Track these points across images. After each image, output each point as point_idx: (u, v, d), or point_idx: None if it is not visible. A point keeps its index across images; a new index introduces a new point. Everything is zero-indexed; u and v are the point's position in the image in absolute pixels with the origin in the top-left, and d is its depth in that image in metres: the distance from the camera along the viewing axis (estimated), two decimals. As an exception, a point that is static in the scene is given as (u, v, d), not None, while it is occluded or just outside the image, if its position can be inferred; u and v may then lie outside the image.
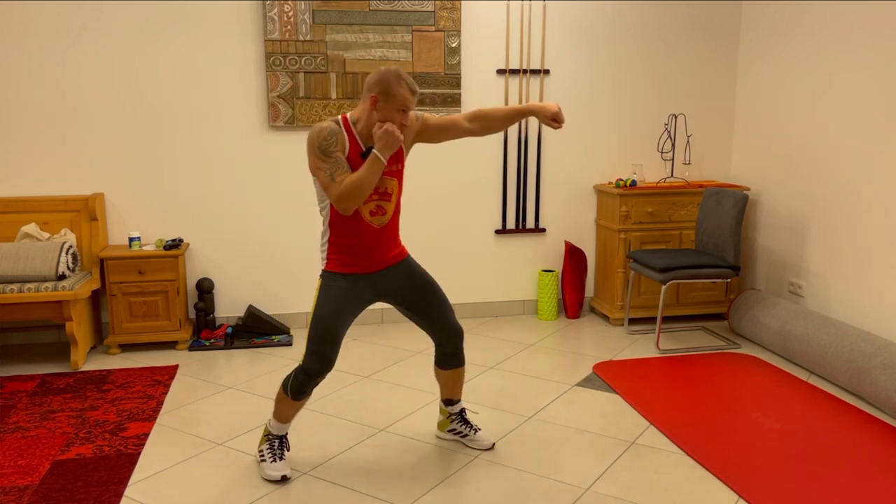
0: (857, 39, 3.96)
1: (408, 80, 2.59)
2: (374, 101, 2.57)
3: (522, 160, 4.83)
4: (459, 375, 2.98)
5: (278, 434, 2.83)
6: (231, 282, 4.59)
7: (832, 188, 4.17)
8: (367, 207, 2.66)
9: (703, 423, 3.25)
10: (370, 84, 2.59)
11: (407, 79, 2.59)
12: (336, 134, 2.58)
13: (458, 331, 2.88)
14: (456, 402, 3.04)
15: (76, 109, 4.25)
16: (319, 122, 2.62)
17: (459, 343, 2.89)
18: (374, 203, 2.67)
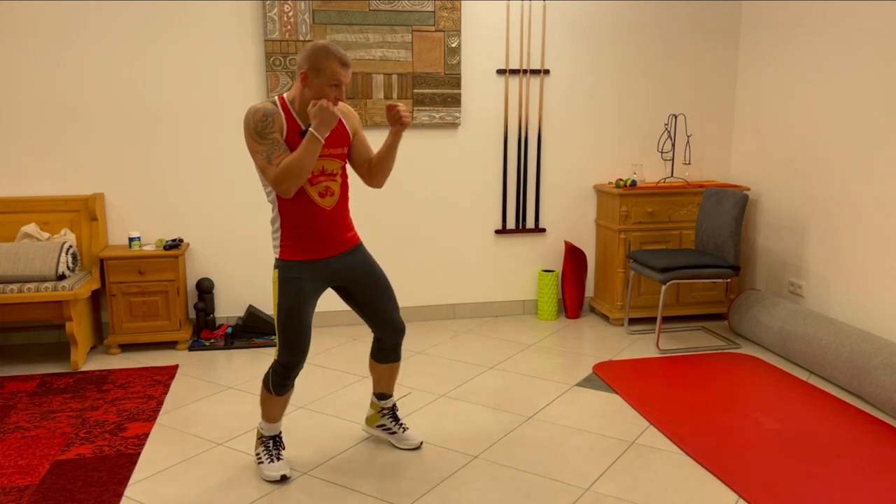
0: (857, 39, 3.96)
1: (337, 53, 2.50)
2: (304, 77, 2.51)
3: (522, 160, 4.83)
4: (394, 370, 2.97)
5: (270, 435, 2.82)
6: (231, 282, 4.59)
7: (832, 188, 4.17)
8: (315, 189, 2.60)
9: (703, 423, 3.25)
10: (300, 60, 2.52)
11: (336, 51, 2.50)
12: (272, 115, 2.52)
13: (400, 327, 2.86)
14: (388, 397, 3.03)
15: (76, 109, 4.25)
16: (254, 104, 2.54)
17: (399, 339, 2.88)
18: (323, 184, 2.61)
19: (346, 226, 2.74)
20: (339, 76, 2.50)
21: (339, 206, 2.69)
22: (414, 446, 3.01)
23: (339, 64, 2.50)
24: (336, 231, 2.68)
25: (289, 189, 2.49)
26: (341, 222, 2.70)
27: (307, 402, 3.50)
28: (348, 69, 2.54)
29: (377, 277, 2.78)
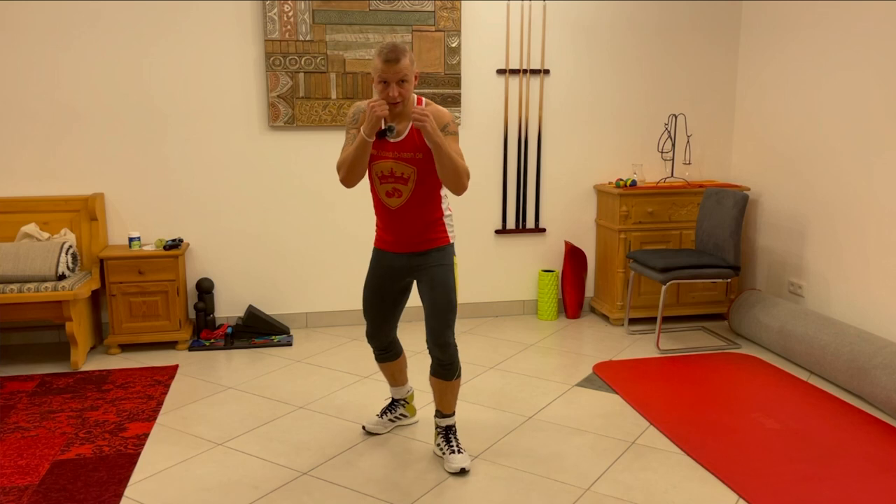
0: (857, 39, 3.96)
1: (382, 49, 2.51)
2: (373, 81, 2.63)
3: (522, 160, 4.83)
4: (441, 386, 2.83)
5: (394, 397, 3.18)
6: (231, 282, 4.59)
7: (832, 188, 4.17)
8: (383, 188, 2.73)
9: (703, 423, 3.25)
10: None
11: (383, 47, 2.51)
12: (359, 112, 2.72)
13: (438, 342, 2.73)
14: (441, 416, 2.90)
15: (76, 110, 4.25)
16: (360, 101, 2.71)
17: (436, 354, 2.76)
18: (391, 185, 2.71)
19: (421, 228, 2.74)
20: (382, 74, 2.54)
21: (407, 209, 2.71)
22: (453, 470, 2.81)
23: (382, 60, 2.52)
24: (403, 231, 2.74)
25: (343, 180, 2.68)
26: (410, 224, 2.73)
27: (307, 402, 3.50)
28: (391, 65, 2.51)
29: (432, 293, 2.73)
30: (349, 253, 4.70)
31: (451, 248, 2.82)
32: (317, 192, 4.60)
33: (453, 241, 2.85)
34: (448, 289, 2.75)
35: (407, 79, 2.56)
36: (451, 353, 2.78)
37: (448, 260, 2.78)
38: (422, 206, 2.72)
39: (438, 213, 2.77)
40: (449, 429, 2.92)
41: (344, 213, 4.65)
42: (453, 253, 2.82)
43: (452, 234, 2.84)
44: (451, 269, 2.78)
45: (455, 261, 2.82)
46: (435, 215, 2.76)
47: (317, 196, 4.60)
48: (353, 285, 4.74)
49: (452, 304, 2.76)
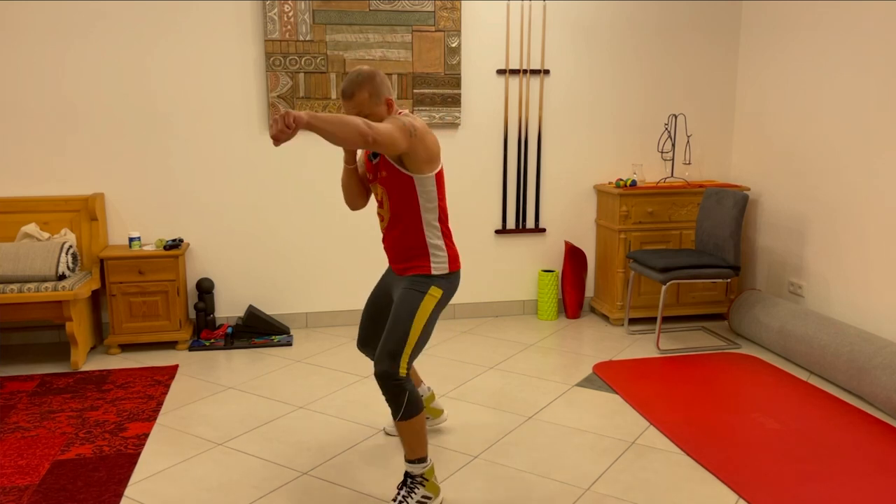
0: (857, 39, 3.96)
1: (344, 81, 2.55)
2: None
3: (522, 160, 4.83)
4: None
5: None
6: (231, 282, 4.59)
7: (832, 188, 4.17)
8: (378, 212, 2.73)
9: (703, 423, 3.25)
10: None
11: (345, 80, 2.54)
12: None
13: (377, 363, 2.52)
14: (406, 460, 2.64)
15: (76, 110, 4.25)
16: None
17: (376, 372, 2.52)
18: (378, 210, 2.71)
19: (403, 253, 2.63)
20: (344, 109, 2.56)
21: (389, 232, 2.65)
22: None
23: (341, 96, 2.55)
24: (392, 252, 2.68)
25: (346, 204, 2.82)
26: (395, 246, 2.65)
27: (307, 402, 3.50)
28: (345, 101, 2.51)
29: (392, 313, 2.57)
30: (349, 253, 4.70)
31: (434, 279, 2.60)
32: (317, 193, 4.60)
33: (443, 272, 2.61)
34: (403, 314, 2.53)
35: (364, 114, 2.50)
36: (391, 388, 2.47)
37: (421, 287, 2.57)
38: (402, 230, 2.61)
39: (420, 240, 2.60)
40: (406, 476, 2.58)
41: (344, 213, 4.65)
42: (435, 284, 2.59)
43: (441, 266, 2.61)
44: (419, 296, 2.55)
45: (434, 291, 2.58)
46: (416, 241, 2.61)
47: (317, 196, 4.60)
48: (353, 285, 4.74)
49: (402, 331, 2.50)
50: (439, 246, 2.62)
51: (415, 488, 2.55)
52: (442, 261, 2.62)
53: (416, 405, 2.51)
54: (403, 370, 2.49)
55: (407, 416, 2.50)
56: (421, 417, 2.53)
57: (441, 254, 2.62)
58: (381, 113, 2.54)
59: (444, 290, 2.61)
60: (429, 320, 2.56)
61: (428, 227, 2.61)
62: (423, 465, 2.57)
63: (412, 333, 2.51)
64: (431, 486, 2.59)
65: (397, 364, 2.48)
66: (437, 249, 2.62)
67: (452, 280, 2.65)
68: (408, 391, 2.49)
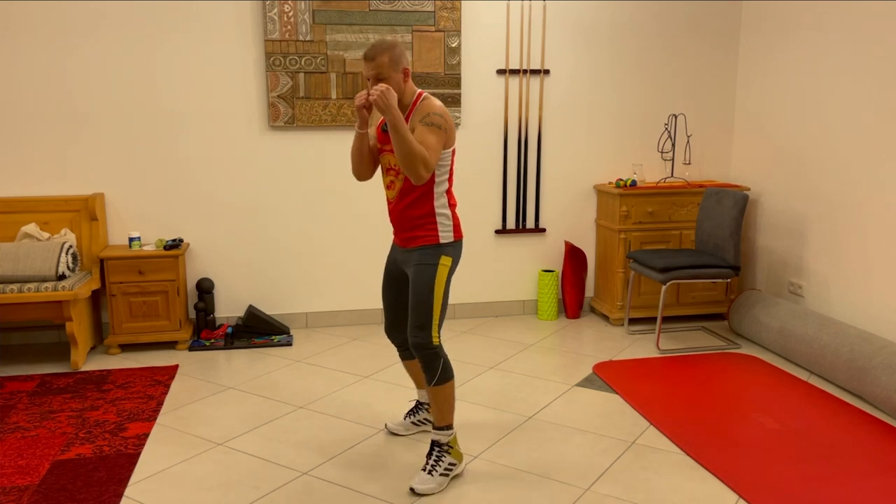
0: (857, 39, 3.96)
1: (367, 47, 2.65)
2: None
3: (522, 160, 4.83)
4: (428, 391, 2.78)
5: (419, 400, 3.19)
6: (231, 282, 4.59)
7: (832, 188, 4.17)
8: (385, 179, 2.79)
9: (703, 423, 3.25)
10: None
11: (368, 46, 2.65)
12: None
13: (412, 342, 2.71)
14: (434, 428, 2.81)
15: (77, 110, 4.25)
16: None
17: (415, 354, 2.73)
18: (388, 178, 2.76)
19: (409, 223, 2.72)
20: (363, 70, 2.67)
21: (399, 201, 2.73)
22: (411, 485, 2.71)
23: (363, 58, 2.64)
24: (398, 222, 2.77)
25: (353, 172, 2.83)
26: (402, 216, 2.74)
27: (307, 402, 3.50)
28: (366, 62, 2.63)
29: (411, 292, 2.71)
30: (349, 253, 4.70)
31: (443, 248, 2.71)
32: (317, 193, 4.60)
33: (449, 240, 2.73)
34: (422, 289, 2.67)
35: (383, 75, 2.60)
36: (427, 356, 2.68)
37: (432, 259, 2.69)
38: (412, 199, 2.70)
39: (428, 209, 2.70)
40: (434, 444, 2.75)
41: (344, 213, 4.65)
42: (444, 253, 2.71)
43: (448, 235, 2.73)
44: (433, 268, 2.69)
45: (445, 261, 2.71)
46: (424, 210, 2.70)
47: (317, 196, 4.60)
48: (353, 285, 4.74)
49: (427, 305, 2.67)
50: (446, 214, 2.74)
51: (442, 456, 2.74)
52: (447, 229, 2.73)
53: (449, 371, 2.73)
54: (436, 338, 2.70)
55: (441, 380, 2.70)
56: (452, 384, 2.74)
57: (447, 222, 2.74)
58: (398, 79, 2.64)
59: (453, 258, 2.76)
60: (445, 288, 2.73)
61: (438, 196, 2.72)
62: (450, 433, 2.76)
63: (435, 304, 2.69)
64: (456, 454, 2.78)
65: (429, 334, 2.68)
66: (444, 218, 2.73)
67: (458, 247, 2.79)
68: (442, 358, 2.70)
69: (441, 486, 2.68)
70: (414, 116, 2.67)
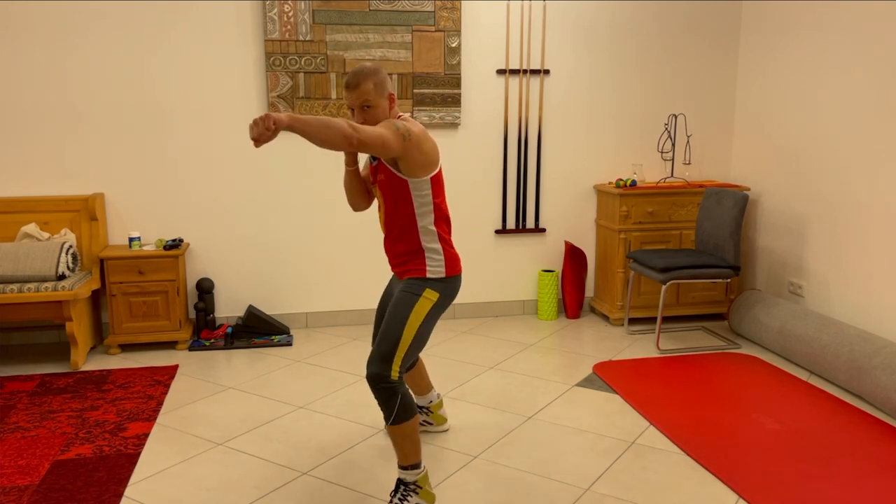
0: (857, 39, 3.96)
1: (348, 74, 2.54)
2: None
3: (522, 160, 4.83)
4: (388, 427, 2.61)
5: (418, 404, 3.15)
6: (231, 282, 4.59)
7: (832, 188, 4.17)
8: (378, 211, 2.75)
9: (703, 423, 3.25)
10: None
11: (349, 73, 2.55)
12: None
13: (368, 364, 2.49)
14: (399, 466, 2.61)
15: (76, 110, 4.25)
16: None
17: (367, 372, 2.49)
18: (379, 213, 2.73)
19: (399, 255, 2.63)
20: (346, 100, 2.54)
21: (388, 232, 2.65)
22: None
23: (344, 86, 2.54)
24: (390, 253, 2.70)
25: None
26: (391, 249, 2.67)
27: (307, 402, 3.50)
28: (349, 91, 2.50)
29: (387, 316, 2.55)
30: (349, 253, 4.70)
31: (430, 283, 2.56)
32: (317, 193, 4.60)
33: (439, 276, 2.58)
34: (395, 318, 2.50)
35: (370, 104, 2.49)
36: (383, 391, 2.43)
37: (416, 290, 2.54)
38: (398, 231, 2.61)
39: (415, 245, 2.58)
40: (399, 483, 2.53)
41: (344, 213, 4.65)
42: (431, 287, 2.56)
43: (437, 270, 2.58)
44: (413, 298, 2.52)
45: (430, 294, 2.54)
46: (410, 247, 2.59)
47: (317, 196, 4.60)
48: (354, 285, 4.74)
49: (395, 335, 2.46)
50: (435, 249, 2.59)
51: (408, 496, 2.50)
52: (438, 264, 2.58)
53: (409, 409, 2.46)
54: (395, 373, 2.44)
55: (399, 420, 2.45)
56: (414, 422, 2.48)
57: (437, 257, 2.59)
58: (384, 106, 2.53)
59: (441, 294, 2.57)
60: (423, 324, 2.51)
61: (423, 230, 2.58)
62: (417, 472, 2.52)
63: (405, 336, 2.47)
64: (426, 494, 2.53)
65: (389, 367, 2.44)
66: (433, 253, 2.59)
67: (450, 284, 2.60)
68: (400, 395, 2.44)
69: None
70: None
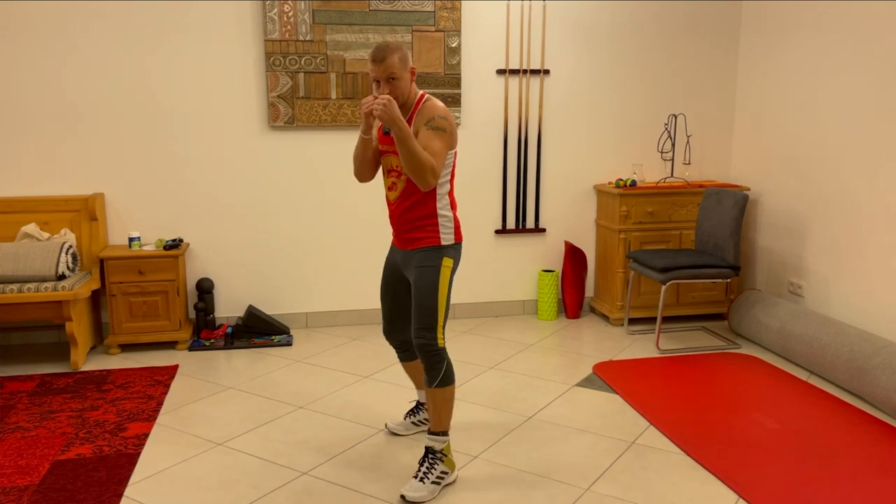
0: (857, 39, 3.96)
1: (373, 49, 2.60)
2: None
3: (522, 160, 4.83)
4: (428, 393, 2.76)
5: (418, 400, 3.21)
6: (231, 282, 4.59)
7: (832, 188, 4.17)
8: (386, 181, 2.77)
9: (703, 423, 3.25)
10: None
11: (374, 48, 2.60)
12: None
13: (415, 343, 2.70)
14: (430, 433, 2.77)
15: (76, 110, 4.25)
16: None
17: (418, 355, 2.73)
18: (390, 179, 2.74)
19: (409, 224, 2.70)
20: (371, 72, 2.61)
21: (400, 203, 2.71)
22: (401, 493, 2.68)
23: (370, 59, 2.60)
24: (398, 224, 2.74)
25: (354, 174, 2.85)
26: (403, 218, 2.72)
27: (307, 402, 3.50)
28: (377, 64, 2.57)
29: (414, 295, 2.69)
30: (349, 253, 4.70)
31: (444, 249, 2.70)
32: (317, 193, 4.60)
33: (451, 242, 2.71)
34: (426, 291, 2.66)
35: (396, 76, 2.57)
36: (432, 358, 2.66)
37: (434, 261, 2.68)
38: (414, 200, 2.68)
39: (430, 210, 2.68)
40: (428, 451, 2.72)
41: (344, 212, 4.66)
42: (446, 255, 2.70)
43: (449, 236, 2.71)
44: (435, 270, 2.67)
45: (447, 262, 2.69)
46: (425, 211, 2.68)
47: (317, 196, 4.60)
48: (353, 285, 4.74)
49: (432, 308, 2.66)
50: (448, 216, 2.72)
51: (435, 463, 2.70)
52: (449, 231, 2.72)
53: (452, 374, 2.71)
54: (441, 340, 2.68)
55: (444, 383, 2.68)
56: (453, 389, 2.72)
57: (449, 224, 2.72)
58: (407, 78, 2.62)
59: (454, 259, 2.74)
60: (448, 290, 2.72)
61: (440, 198, 2.70)
62: (444, 440, 2.72)
63: (440, 306, 2.67)
64: (448, 462, 2.73)
65: (434, 335, 2.67)
66: (446, 220, 2.71)
67: (459, 249, 2.77)
68: (446, 360, 2.69)
69: (433, 495, 2.64)
70: (417, 119, 2.64)
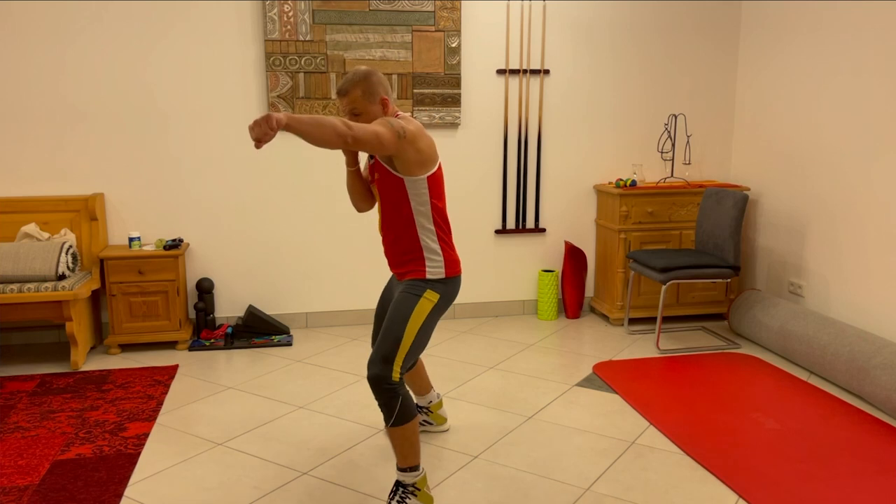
0: (857, 39, 3.96)
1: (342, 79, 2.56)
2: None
3: (522, 160, 4.83)
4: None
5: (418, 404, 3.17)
6: (231, 282, 4.59)
7: (832, 188, 4.18)
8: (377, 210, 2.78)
9: (703, 423, 3.25)
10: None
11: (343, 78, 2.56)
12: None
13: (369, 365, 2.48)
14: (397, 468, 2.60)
15: (76, 109, 4.25)
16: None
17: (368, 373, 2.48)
18: (378, 209, 2.68)
19: (399, 258, 2.61)
20: (339, 105, 2.57)
21: (386, 233, 2.62)
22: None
23: (337, 93, 2.55)
24: (388, 256, 2.66)
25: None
26: (391, 251, 2.63)
27: (307, 402, 3.50)
28: (339, 97, 2.52)
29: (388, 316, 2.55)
30: (349, 253, 4.70)
31: (430, 284, 2.54)
32: (316, 193, 4.60)
33: (439, 277, 2.56)
34: (396, 319, 2.49)
35: (357, 111, 2.49)
36: (384, 393, 2.43)
37: (417, 290, 2.53)
38: (396, 232, 2.58)
39: (414, 245, 2.56)
40: (398, 485, 2.53)
41: (344, 213, 4.65)
42: (431, 288, 2.54)
43: (437, 271, 2.56)
44: (414, 299, 2.51)
45: (430, 295, 2.53)
46: (410, 246, 2.57)
47: (316, 196, 4.60)
48: (353, 285, 4.74)
49: (396, 336, 2.46)
50: (434, 250, 2.57)
51: (406, 498, 2.50)
52: (437, 265, 2.56)
53: (409, 411, 2.46)
54: (397, 375, 2.44)
55: (399, 422, 2.44)
56: (413, 424, 2.48)
57: (436, 258, 2.57)
58: (376, 112, 2.52)
59: (441, 295, 2.56)
60: (424, 325, 2.50)
61: (422, 230, 2.55)
62: (416, 474, 2.51)
63: (406, 338, 2.46)
64: (424, 497, 2.53)
65: (390, 368, 2.43)
66: (431, 253, 2.56)
67: (450, 285, 2.59)
68: (401, 396, 2.44)
69: None
70: None
